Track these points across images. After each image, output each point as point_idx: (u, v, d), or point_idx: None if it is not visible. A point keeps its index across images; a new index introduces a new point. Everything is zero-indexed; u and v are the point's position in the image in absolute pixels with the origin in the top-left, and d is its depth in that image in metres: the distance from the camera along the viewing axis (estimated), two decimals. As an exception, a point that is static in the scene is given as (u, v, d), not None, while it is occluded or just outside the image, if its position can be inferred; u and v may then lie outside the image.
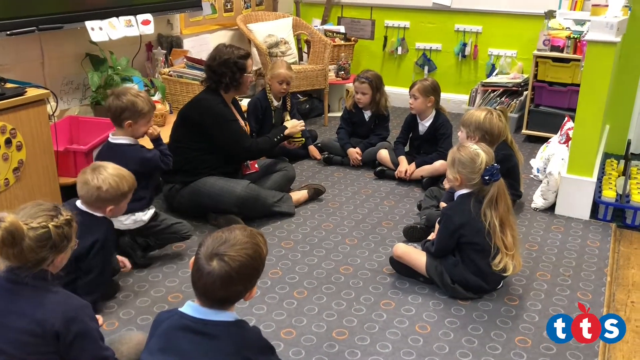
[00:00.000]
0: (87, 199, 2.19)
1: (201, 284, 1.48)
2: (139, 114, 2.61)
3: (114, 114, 2.62)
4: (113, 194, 2.19)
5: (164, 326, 1.53)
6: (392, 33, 5.50)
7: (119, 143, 2.65)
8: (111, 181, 2.18)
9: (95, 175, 2.17)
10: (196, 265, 1.48)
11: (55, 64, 3.36)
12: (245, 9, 5.13)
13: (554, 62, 4.30)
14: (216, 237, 1.50)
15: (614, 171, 3.66)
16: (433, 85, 3.67)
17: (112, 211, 2.24)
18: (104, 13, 3.39)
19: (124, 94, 2.61)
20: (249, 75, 3.13)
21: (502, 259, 2.39)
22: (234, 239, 1.49)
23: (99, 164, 2.25)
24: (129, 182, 2.25)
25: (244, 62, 3.08)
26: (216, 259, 1.45)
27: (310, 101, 5.11)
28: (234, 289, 1.49)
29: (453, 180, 2.47)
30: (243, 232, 1.52)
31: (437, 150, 3.69)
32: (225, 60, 3.04)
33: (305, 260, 2.78)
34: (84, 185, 2.18)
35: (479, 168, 2.39)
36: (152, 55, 4.07)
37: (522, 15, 4.91)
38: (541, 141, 4.23)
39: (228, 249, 1.46)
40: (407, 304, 2.44)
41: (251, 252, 1.49)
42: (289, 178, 3.42)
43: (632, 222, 3.22)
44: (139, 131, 2.67)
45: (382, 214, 3.29)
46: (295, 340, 2.19)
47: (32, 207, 1.60)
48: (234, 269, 1.45)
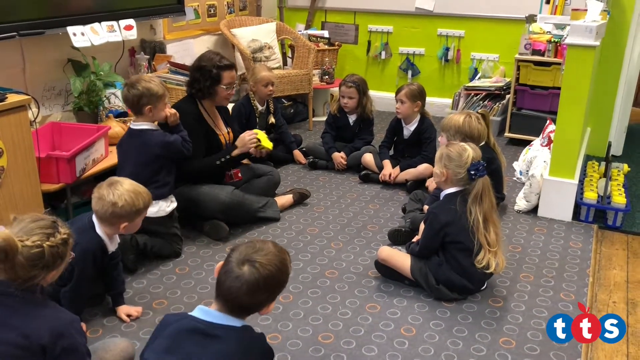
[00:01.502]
0: (101, 215, 2.15)
1: (226, 287, 1.50)
2: (155, 97, 2.68)
3: (133, 103, 2.69)
4: (128, 210, 2.14)
5: (172, 328, 1.54)
6: (376, 38, 5.53)
7: (142, 129, 2.72)
8: (127, 197, 2.13)
9: (112, 190, 2.13)
10: (225, 268, 1.52)
11: (37, 69, 3.33)
12: (229, 14, 5.13)
13: (536, 66, 4.35)
14: (250, 245, 1.56)
15: (596, 173, 3.70)
16: (420, 90, 3.70)
17: (126, 228, 2.19)
18: (86, 18, 3.37)
19: (137, 82, 2.69)
20: (223, 88, 3.06)
21: (484, 255, 2.41)
22: (267, 249, 1.55)
23: (115, 179, 2.21)
24: (145, 199, 2.20)
25: (220, 73, 3.02)
26: (247, 264, 1.50)
27: (295, 106, 5.12)
28: (257, 298, 1.53)
29: (440, 175, 2.49)
30: (275, 246, 1.59)
31: (421, 154, 3.72)
32: (201, 66, 3.03)
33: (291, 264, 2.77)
34: (99, 200, 2.13)
35: (465, 162, 2.41)
36: (135, 60, 4.05)
37: (504, 20, 4.96)
38: (523, 144, 4.27)
39: (261, 257, 1.52)
40: (392, 307, 2.45)
41: (280, 265, 1.55)
42: (274, 182, 3.42)
43: (613, 223, 3.26)
44: (159, 114, 2.74)
45: (367, 218, 3.30)
46: (281, 345, 2.19)
47: (30, 222, 1.56)
48: (262, 277, 1.50)
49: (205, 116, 3.11)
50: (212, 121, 3.15)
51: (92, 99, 3.42)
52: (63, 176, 2.81)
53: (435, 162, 2.54)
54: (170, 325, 1.55)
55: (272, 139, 4.09)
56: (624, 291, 2.65)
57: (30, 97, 2.63)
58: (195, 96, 3.08)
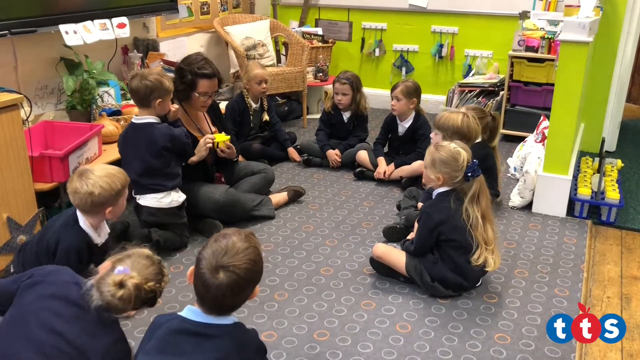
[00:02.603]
0: (82, 207, 2.11)
1: (210, 297, 1.49)
2: (165, 91, 2.69)
3: (143, 95, 2.68)
4: (107, 196, 2.09)
5: (163, 329, 1.54)
6: (370, 35, 5.53)
7: (146, 122, 2.72)
8: (101, 183, 2.07)
9: (84, 181, 2.07)
10: (201, 280, 1.49)
11: (29, 68, 3.31)
12: (222, 12, 5.11)
13: (529, 62, 4.35)
14: (215, 249, 1.50)
15: (589, 169, 3.72)
16: (415, 87, 3.70)
17: (112, 212, 2.15)
18: (78, 16, 3.34)
19: (150, 74, 2.69)
20: (197, 96, 2.97)
21: (481, 254, 2.41)
22: (233, 247, 1.50)
23: (84, 168, 2.16)
24: (121, 179, 2.14)
25: (196, 80, 2.94)
26: (222, 271, 1.46)
27: (289, 103, 5.11)
28: (244, 294, 1.54)
29: (435, 180, 2.47)
30: (239, 236, 1.53)
31: (415, 150, 3.72)
32: (181, 68, 2.98)
33: (286, 262, 2.77)
34: (75, 194, 2.07)
35: (462, 166, 2.40)
36: (128, 58, 4.03)
37: (497, 16, 4.97)
38: (518, 140, 4.28)
39: (231, 258, 1.48)
40: (387, 304, 2.45)
41: (253, 256, 1.52)
42: (268, 180, 3.41)
43: (607, 219, 3.27)
44: (166, 108, 2.75)
45: (362, 215, 3.30)
46: (277, 342, 2.18)
47: (144, 267, 1.66)
48: (241, 277, 1.48)
49: (184, 119, 3.02)
50: (192, 123, 3.10)
51: (85, 98, 3.40)
52: (56, 175, 2.80)
53: (427, 166, 2.50)
54: (161, 326, 1.55)
55: (267, 136, 4.11)
56: (618, 286, 2.66)
57: (22, 96, 2.62)
58: (175, 96, 3.02)
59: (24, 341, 1.60)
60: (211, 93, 3.04)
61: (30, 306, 1.64)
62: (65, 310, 1.63)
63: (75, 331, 1.61)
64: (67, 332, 1.60)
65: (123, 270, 1.60)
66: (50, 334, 1.59)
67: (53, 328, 1.60)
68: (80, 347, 1.60)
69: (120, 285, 1.58)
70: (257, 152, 3.89)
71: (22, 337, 1.60)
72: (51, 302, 1.64)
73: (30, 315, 1.63)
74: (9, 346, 1.60)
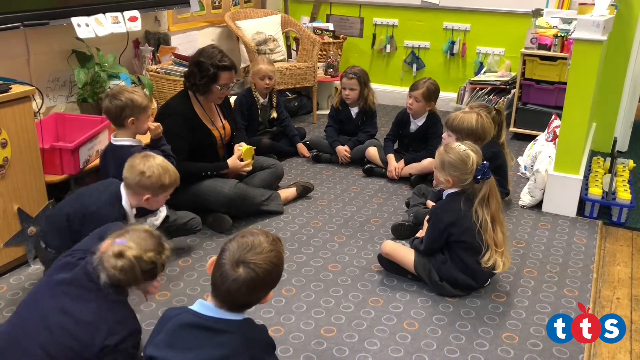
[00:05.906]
0: (129, 182, 2.22)
1: (224, 289, 1.50)
2: (139, 109, 2.59)
3: (115, 115, 2.58)
4: (154, 182, 2.21)
5: (173, 323, 1.55)
6: (381, 31, 5.50)
7: (122, 145, 2.60)
8: (155, 170, 2.20)
9: (143, 161, 2.22)
10: (220, 271, 1.50)
11: (41, 60, 3.33)
12: (234, 6, 5.11)
13: (542, 61, 4.32)
14: (241, 243, 1.52)
15: (600, 169, 3.69)
16: (436, 89, 3.66)
17: (149, 201, 2.25)
18: (90, 9, 3.35)
19: (120, 93, 2.58)
20: (218, 88, 2.98)
21: (491, 256, 2.39)
22: (259, 245, 1.52)
23: (150, 153, 2.31)
24: (172, 178, 2.27)
25: (218, 73, 2.94)
26: (242, 266, 1.48)
27: (299, 99, 5.10)
28: (257, 295, 1.54)
29: (444, 182, 2.46)
30: (266, 238, 1.55)
31: (426, 148, 3.70)
32: (200, 62, 2.95)
33: (294, 257, 2.77)
34: (130, 167, 2.22)
35: (471, 169, 2.38)
36: (140, 52, 4.04)
37: (510, 14, 4.93)
38: (528, 139, 4.25)
39: (254, 256, 1.49)
40: (395, 301, 2.44)
41: (275, 260, 1.53)
42: (277, 175, 3.41)
43: (617, 219, 3.25)
44: (142, 127, 2.64)
45: (371, 212, 3.30)
46: (284, 337, 2.19)
47: (143, 239, 1.68)
48: (259, 276, 1.49)
49: (199, 112, 3.05)
50: (207, 116, 3.11)
51: (96, 90, 3.41)
52: (67, 167, 2.81)
53: (436, 168, 2.49)
54: (171, 319, 1.56)
55: (276, 131, 4.10)
56: (628, 287, 2.64)
57: (34, 88, 2.63)
58: (190, 89, 3.04)
59: (38, 313, 1.65)
60: (229, 85, 3.05)
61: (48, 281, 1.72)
62: (74, 289, 1.66)
63: (82, 309, 1.63)
64: (75, 310, 1.63)
65: (121, 242, 1.64)
66: (59, 313, 1.63)
67: (62, 307, 1.64)
68: (88, 324, 1.62)
69: (119, 255, 1.61)
70: (266, 147, 3.89)
71: (37, 309, 1.66)
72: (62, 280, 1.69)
73: (46, 290, 1.69)
74: (29, 316, 1.66)
